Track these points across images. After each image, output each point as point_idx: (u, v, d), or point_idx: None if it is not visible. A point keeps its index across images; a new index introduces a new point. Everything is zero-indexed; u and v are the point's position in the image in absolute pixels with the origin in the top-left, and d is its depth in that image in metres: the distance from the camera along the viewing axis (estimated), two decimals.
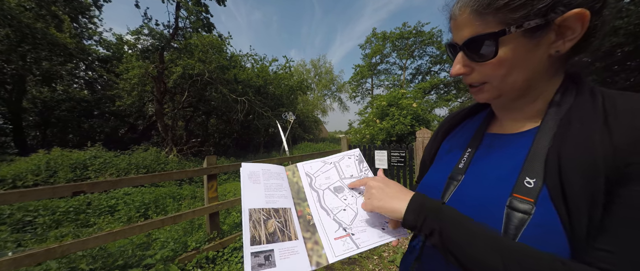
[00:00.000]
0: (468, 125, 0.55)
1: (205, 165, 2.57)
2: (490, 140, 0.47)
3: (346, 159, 0.64)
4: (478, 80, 0.40)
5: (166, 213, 4.13)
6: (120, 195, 4.54)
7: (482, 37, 0.36)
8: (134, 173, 6.22)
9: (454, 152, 0.52)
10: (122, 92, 10.18)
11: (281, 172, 0.61)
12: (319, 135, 21.82)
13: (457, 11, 0.39)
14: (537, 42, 0.35)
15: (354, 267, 2.39)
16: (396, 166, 3.87)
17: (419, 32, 21.20)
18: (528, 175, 0.36)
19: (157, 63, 10.00)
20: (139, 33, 9.87)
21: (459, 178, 0.46)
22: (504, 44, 0.35)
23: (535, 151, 0.37)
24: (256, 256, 0.43)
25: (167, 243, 2.53)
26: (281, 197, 0.54)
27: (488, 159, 0.45)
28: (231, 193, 5.12)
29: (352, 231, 0.49)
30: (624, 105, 0.32)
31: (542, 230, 0.32)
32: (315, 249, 0.47)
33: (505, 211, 0.35)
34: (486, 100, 0.43)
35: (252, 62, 15.66)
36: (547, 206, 0.32)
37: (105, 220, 3.66)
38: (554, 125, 0.37)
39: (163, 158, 8.06)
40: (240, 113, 11.30)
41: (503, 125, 0.47)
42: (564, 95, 0.39)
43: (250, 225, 0.46)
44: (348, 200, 0.55)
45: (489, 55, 0.37)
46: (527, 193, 0.34)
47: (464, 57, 0.40)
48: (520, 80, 0.38)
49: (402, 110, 7.01)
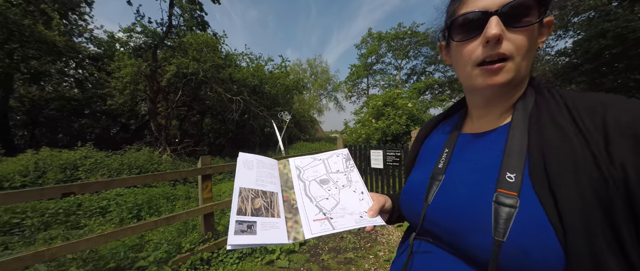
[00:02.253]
0: (443, 128, 0.58)
1: (200, 165, 2.54)
2: (464, 139, 0.49)
3: (334, 157, 0.70)
4: (508, 51, 0.37)
5: (159, 214, 4.07)
6: (112, 195, 4.45)
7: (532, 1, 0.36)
8: (127, 174, 6.11)
9: (433, 153, 0.54)
10: (114, 91, 9.98)
11: (274, 164, 0.67)
12: (315, 135, 21.81)
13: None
14: (537, 31, 0.39)
15: (350, 266, 2.39)
16: (392, 165, 3.89)
17: (414, 33, 21.37)
18: (508, 170, 0.37)
19: (150, 61, 9.84)
20: (132, 31, 9.69)
21: (439, 178, 0.47)
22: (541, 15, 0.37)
23: (511, 147, 0.38)
24: (240, 224, 0.47)
25: (160, 245, 2.49)
26: (270, 183, 0.60)
27: (465, 158, 0.46)
28: (226, 194, 5.07)
29: (331, 216, 0.53)
30: (583, 104, 0.35)
31: (529, 223, 0.33)
32: (294, 227, 0.52)
33: (493, 206, 0.36)
34: (502, 82, 0.39)
35: (247, 61, 15.53)
36: (531, 200, 0.33)
37: (97, 222, 3.58)
38: (523, 122, 0.39)
39: (156, 158, 7.93)
40: (235, 112, 11.20)
41: (475, 125, 0.49)
42: (527, 93, 0.42)
43: (238, 199, 0.52)
44: (332, 190, 0.60)
45: (529, 22, 0.36)
46: (510, 188, 0.35)
47: (499, 22, 0.36)
48: (528, 65, 0.39)
49: (397, 110, 7.06)
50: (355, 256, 2.53)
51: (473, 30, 0.39)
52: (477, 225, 0.37)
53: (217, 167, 2.69)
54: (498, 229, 0.34)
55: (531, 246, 0.31)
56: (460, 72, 0.45)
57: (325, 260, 2.48)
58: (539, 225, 0.32)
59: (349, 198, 0.58)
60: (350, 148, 4.38)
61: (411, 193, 0.52)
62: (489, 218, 0.35)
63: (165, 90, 11.90)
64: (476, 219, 0.37)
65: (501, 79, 0.38)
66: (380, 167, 4.00)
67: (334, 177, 0.64)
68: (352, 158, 3.67)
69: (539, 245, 0.31)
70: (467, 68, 0.42)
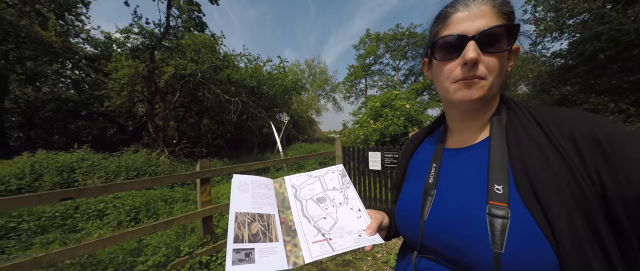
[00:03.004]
0: (428, 143, 0.60)
1: (198, 168, 2.54)
2: (449, 154, 0.52)
3: (330, 173, 0.69)
4: (482, 73, 0.41)
5: (157, 217, 4.06)
6: (109, 198, 4.43)
7: (504, 27, 0.40)
8: (124, 176, 6.08)
9: (421, 168, 0.56)
10: (111, 92, 9.91)
11: (269, 183, 0.65)
12: (313, 136, 21.81)
13: (473, 3, 0.42)
14: (507, 56, 0.44)
15: (348, 269, 2.41)
16: (389, 167, 3.91)
17: (412, 34, 21.47)
18: (495, 182, 0.39)
19: (147, 62, 9.79)
20: (129, 31, 9.65)
21: (432, 193, 0.49)
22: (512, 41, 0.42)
23: (493, 160, 0.41)
24: (237, 252, 0.46)
25: (159, 249, 2.49)
26: (266, 205, 0.58)
27: (453, 172, 0.48)
28: (224, 196, 5.06)
29: (330, 237, 0.53)
30: (549, 118, 0.40)
31: (522, 233, 0.34)
32: (293, 251, 0.51)
33: (487, 219, 0.38)
34: (477, 97, 0.42)
35: (245, 62, 15.50)
36: (520, 209, 0.36)
37: (94, 225, 3.56)
38: (500, 136, 0.43)
39: (154, 159, 7.90)
40: (233, 114, 11.18)
41: (457, 140, 0.52)
42: (500, 110, 0.47)
43: (235, 225, 0.50)
44: (329, 209, 0.59)
45: (501, 48, 0.41)
46: (500, 200, 0.38)
47: (475, 46, 0.40)
48: (498, 85, 0.44)
49: (395, 111, 7.09)
50: (353, 258, 2.55)
51: (453, 51, 0.43)
52: (475, 239, 0.38)
53: (215, 170, 2.69)
54: (495, 241, 0.36)
55: (528, 255, 0.33)
56: (440, 87, 0.48)
57: (323, 262, 2.49)
58: (532, 233, 0.34)
59: (346, 216, 0.58)
60: (348, 150, 4.40)
61: (406, 210, 0.54)
62: (485, 231, 0.37)
63: (163, 91, 11.84)
64: (473, 233, 0.39)
65: (476, 94, 0.42)
66: (378, 168, 4.02)
67: (331, 194, 0.63)
68: (351, 159, 3.67)
69: (535, 253, 0.33)
70: (446, 84, 0.45)
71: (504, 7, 0.42)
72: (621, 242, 0.32)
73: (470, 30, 0.41)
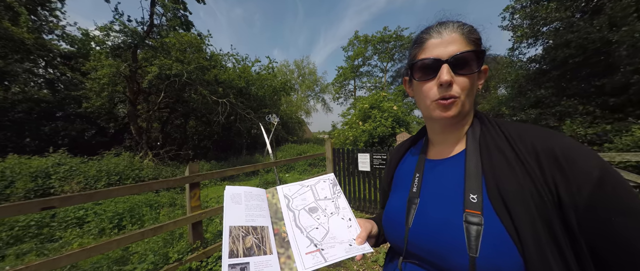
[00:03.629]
0: (412, 154, 0.65)
1: (187, 173, 2.50)
2: (431, 165, 0.56)
3: (322, 183, 0.70)
4: (456, 93, 0.46)
5: (143, 223, 3.93)
6: (89, 205, 4.23)
7: (474, 52, 0.46)
8: (105, 181, 5.82)
9: (406, 178, 0.60)
10: (89, 93, 9.42)
11: (262, 194, 0.66)
12: (302, 136, 21.76)
13: (443, 30, 0.48)
14: (478, 76, 0.50)
15: (339, 268, 2.46)
16: (378, 168, 4.02)
17: (399, 36, 22.00)
18: (471, 192, 0.44)
19: (129, 62, 9.41)
20: (109, 29, 9.22)
21: (415, 202, 0.53)
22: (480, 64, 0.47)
23: (469, 171, 0.46)
24: (233, 268, 0.47)
25: (146, 256, 2.43)
26: (260, 216, 0.59)
27: (434, 182, 0.53)
28: (213, 200, 4.97)
29: (322, 247, 0.55)
30: (515, 132, 0.45)
31: (494, 239, 0.38)
32: (287, 263, 0.53)
33: (464, 226, 0.41)
34: (453, 115, 0.47)
35: (233, 62, 15.24)
36: (492, 217, 0.40)
37: (73, 234, 3.39)
38: (474, 148, 0.48)
39: (137, 163, 7.61)
40: (221, 115, 10.96)
41: (437, 151, 0.57)
42: (474, 124, 0.52)
43: (229, 240, 0.51)
44: (321, 219, 0.61)
45: (471, 70, 0.46)
46: (474, 208, 0.42)
47: (449, 69, 0.45)
48: (471, 102, 0.49)
49: (383, 113, 7.26)
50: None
51: (429, 72, 0.48)
52: (454, 246, 0.42)
53: (205, 175, 2.66)
54: (471, 246, 0.39)
55: (499, 259, 0.37)
56: (420, 105, 0.53)
57: None
58: (502, 239, 0.38)
59: (337, 226, 0.60)
60: (338, 152, 4.46)
61: (392, 218, 0.57)
62: (462, 238, 0.41)
63: (146, 92, 11.41)
64: (452, 240, 0.42)
65: (452, 113, 0.47)
66: (368, 169, 4.12)
67: (322, 204, 0.65)
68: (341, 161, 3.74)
69: (504, 256, 0.37)
70: (426, 101, 0.50)
71: (471, 34, 0.48)
72: (576, 247, 0.36)
73: (443, 54, 0.46)
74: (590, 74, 6.40)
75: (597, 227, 0.35)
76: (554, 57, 7.18)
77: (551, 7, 7.68)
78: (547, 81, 7.58)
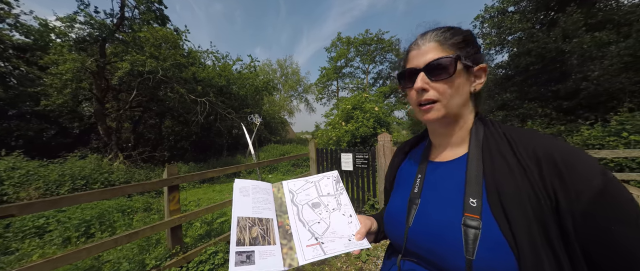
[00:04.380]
0: (414, 155, 0.66)
1: (166, 175, 2.40)
2: (433, 167, 0.57)
3: (325, 179, 0.73)
4: (433, 97, 0.49)
5: (114, 230, 3.67)
6: (51, 212, 3.87)
7: (445, 59, 0.47)
8: (69, 186, 5.34)
9: (408, 178, 0.62)
10: (49, 89, 8.56)
11: (268, 188, 0.69)
12: (285, 137, 21.58)
13: (421, 42, 0.51)
14: (467, 78, 0.50)
15: (323, 267, 2.51)
16: (360, 167, 4.14)
17: (380, 39, 22.67)
18: (471, 196, 0.44)
19: (96, 56, 8.71)
20: (73, 20, 8.47)
21: (417, 202, 0.54)
22: (457, 69, 0.48)
23: (470, 176, 0.47)
24: (239, 255, 0.51)
25: (119, 265, 2.29)
26: (265, 209, 0.62)
27: (435, 184, 0.54)
28: (193, 203, 4.78)
29: (322, 241, 0.58)
30: (518, 137, 0.45)
31: (491, 242, 0.39)
32: (289, 253, 0.56)
33: (462, 229, 0.42)
34: (433, 119, 0.50)
35: (213, 60, 14.71)
36: (490, 221, 0.40)
37: (32, 244, 3.09)
38: (477, 152, 0.48)
39: (106, 166, 7.08)
40: (200, 114, 10.53)
41: (440, 154, 0.58)
42: (477, 127, 0.52)
43: (237, 229, 0.55)
44: (323, 214, 0.64)
45: (446, 75, 0.47)
46: (474, 212, 0.42)
47: (424, 76, 0.49)
48: (458, 104, 0.50)
49: (365, 113, 7.45)
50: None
51: (410, 81, 0.52)
52: (451, 246, 0.43)
53: (184, 177, 2.57)
54: (468, 249, 0.41)
55: (495, 262, 0.39)
56: (411, 108, 0.57)
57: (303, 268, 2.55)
58: (498, 243, 0.39)
59: (338, 221, 0.62)
60: (322, 152, 4.52)
61: (393, 217, 0.59)
62: (460, 240, 0.42)
63: (116, 89, 10.64)
64: (450, 241, 0.44)
65: (432, 116, 0.50)
66: (350, 169, 4.22)
67: (325, 200, 0.68)
68: (324, 160, 3.79)
69: (500, 260, 0.38)
70: (413, 107, 0.54)
71: (450, 39, 0.49)
72: (570, 251, 0.36)
73: (420, 64, 0.50)
74: (547, 80, 7.11)
75: (595, 234, 0.35)
76: (517, 64, 7.87)
77: (515, 18, 8.41)
78: (512, 86, 8.29)
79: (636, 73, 5.14)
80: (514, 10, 8.95)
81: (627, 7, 6.51)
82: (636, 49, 5.04)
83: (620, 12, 6.48)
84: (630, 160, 3.50)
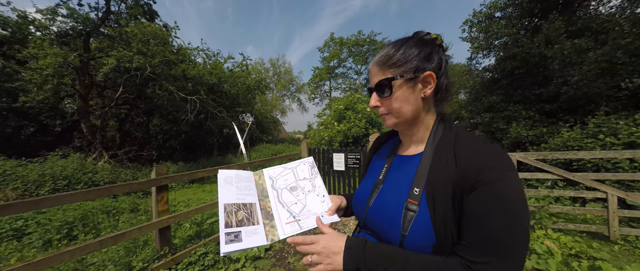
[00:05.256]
0: (386, 147, 0.77)
1: (154, 175, 2.35)
2: (397, 159, 0.68)
3: (301, 165, 0.81)
4: (384, 111, 0.61)
5: (98, 232, 3.55)
6: (30, 214, 3.69)
7: (383, 81, 0.58)
8: (50, 187, 5.11)
9: (377, 166, 0.73)
10: (29, 85, 8.14)
11: (250, 176, 0.78)
12: (278, 136, 21.44)
13: (371, 66, 0.62)
14: (413, 88, 0.57)
15: None
16: (352, 167, 4.18)
17: (372, 41, 22.89)
18: (416, 185, 0.55)
19: (80, 51, 8.36)
20: (54, 13, 8.09)
21: (379, 187, 0.65)
22: (395, 86, 0.57)
23: (420, 169, 0.56)
24: (228, 235, 0.59)
25: (104, 267, 2.22)
26: (248, 195, 0.71)
27: (396, 173, 0.65)
28: (182, 204, 4.68)
29: (299, 218, 0.67)
30: (463, 143, 0.53)
31: (420, 223, 0.50)
32: (271, 231, 0.65)
33: (403, 211, 0.54)
34: (391, 126, 0.62)
35: (204, 57, 14.44)
36: (424, 208, 0.51)
37: (10, 248, 2.94)
38: (430, 151, 0.57)
39: (90, 165, 6.82)
40: (190, 113, 10.30)
41: (404, 149, 0.68)
42: (438, 128, 0.61)
43: (224, 214, 0.63)
44: (299, 196, 0.73)
45: (388, 93, 0.58)
46: (415, 198, 0.53)
47: (375, 95, 0.61)
48: (409, 112, 0.59)
49: (357, 114, 7.51)
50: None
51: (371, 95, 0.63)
52: (393, 223, 0.55)
53: (173, 177, 2.52)
54: (404, 226, 0.52)
55: (420, 238, 0.51)
56: None
57: (291, 263, 2.55)
58: (426, 226, 0.50)
59: (313, 201, 0.72)
60: (314, 152, 4.53)
61: (359, 198, 0.71)
62: (399, 220, 0.54)
63: (101, 86, 10.26)
64: (393, 219, 0.55)
65: (388, 124, 0.62)
66: (342, 169, 4.25)
67: (301, 183, 0.76)
68: (317, 160, 3.83)
69: (424, 236, 0.50)
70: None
71: (385, 64, 0.58)
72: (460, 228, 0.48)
73: (372, 83, 0.61)
74: (531, 83, 7.40)
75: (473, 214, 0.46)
76: (503, 68, 8.15)
77: (501, 23, 8.71)
78: (498, 88, 8.58)
79: (612, 79, 5.44)
80: (500, 16, 9.27)
81: (604, 15, 6.87)
82: (612, 56, 5.33)
83: (598, 20, 6.84)
84: (606, 161, 3.70)
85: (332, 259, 0.55)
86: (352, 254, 0.54)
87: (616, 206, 2.75)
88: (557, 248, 2.39)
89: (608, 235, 2.76)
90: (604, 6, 7.22)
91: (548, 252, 2.30)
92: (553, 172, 3.00)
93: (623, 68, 5.27)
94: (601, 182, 2.91)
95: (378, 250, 0.53)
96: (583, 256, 2.38)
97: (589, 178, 2.88)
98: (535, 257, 2.25)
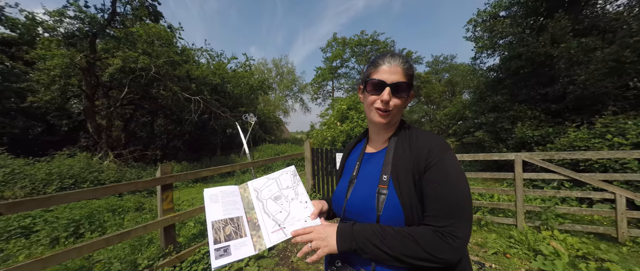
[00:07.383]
0: (358, 147, 0.88)
1: (159, 174, 2.37)
2: (367, 156, 0.79)
3: (284, 175, 0.84)
4: (388, 107, 0.67)
5: (104, 230, 3.60)
6: (38, 211, 3.75)
7: (407, 83, 0.67)
8: (57, 185, 5.19)
9: (351, 165, 0.83)
10: (36, 85, 8.28)
11: (235, 190, 0.80)
12: (280, 136, 21.48)
13: (392, 61, 0.67)
14: (409, 98, 0.71)
15: (318, 265, 2.52)
16: None
17: (375, 41, 22.81)
18: (384, 173, 0.66)
19: (86, 52, 8.48)
20: (62, 14, 8.23)
21: (354, 182, 0.75)
22: (409, 93, 0.69)
23: (386, 161, 0.68)
24: (218, 250, 0.63)
25: (110, 265, 2.25)
26: (235, 209, 0.74)
27: (366, 168, 0.75)
28: (186, 203, 4.72)
29: (284, 226, 0.70)
30: (416, 136, 0.68)
31: (391, 203, 0.62)
32: (258, 241, 0.68)
33: (376, 195, 0.64)
34: (384, 123, 0.69)
35: (207, 58, 14.53)
36: (392, 190, 0.63)
37: (18, 245, 2.99)
38: (393, 145, 0.70)
39: (96, 164, 6.91)
40: (194, 113, 10.37)
41: (372, 147, 0.80)
42: (400, 128, 0.74)
43: (212, 231, 0.66)
44: (284, 205, 0.76)
45: (403, 96, 0.67)
46: (384, 184, 0.65)
47: (389, 91, 0.65)
48: (400, 116, 0.73)
49: (360, 114, 7.50)
50: None
51: (377, 89, 0.67)
52: (369, 208, 0.65)
53: (178, 176, 2.54)
54: (379, 208, 0.63)
55: (392, 215, 0.62)
56: (366, 109, 0.73)
57: (294, 262, 2.56)
58: (395, 203, 0.62)
59: (296, 208, 0.75)
60: (317, 152, 4.53)
61: (337, 196, 0.80)
62: (374, 203, 0.64)
63: (107, 86, 10.39)
64: (369, 204, 0.65)
65: (385, 120, 0.69)
66: None
67: (285, 192, 0.79)
68: (319, 160, 3.84)
69: (394, 214, 0.61)
70: (371, 108, 0.70)
71: (409, 70, 0.68)
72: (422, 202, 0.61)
73: (389, 79, 0.65)
74: (536, 83, 7.30)
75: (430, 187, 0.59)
76: (508, 67, 8.06)
77: (506, 22, 8.61)
78: (503, 88, 8.48)
79: (620, 78, 5.34)
80: (505, 15, 9.16)
81: (611, 14, 6.75)
82: (619, 55, 5.23)
83: (605, 18, 6.72)
84: (614, 161, 3.64)
85: (327, 242, 0.63)
86: (343, 235, 0.62)
87: (625, 208, 2.70)
88: (564, 249, 2.36)
89: (616, 237, 2.71)
90: (611, 4, 7.08)
91: (554, 253, 2.27)
92: (560, 172, 2.96)
93: (631, 67, 5.17)
94: (609, 182, 2.86)
95: (363, 229, 0.61)
96: (590, 258, 2.34)
97: (597, 179, 2.84)
98: (541, 258, 2.22)
